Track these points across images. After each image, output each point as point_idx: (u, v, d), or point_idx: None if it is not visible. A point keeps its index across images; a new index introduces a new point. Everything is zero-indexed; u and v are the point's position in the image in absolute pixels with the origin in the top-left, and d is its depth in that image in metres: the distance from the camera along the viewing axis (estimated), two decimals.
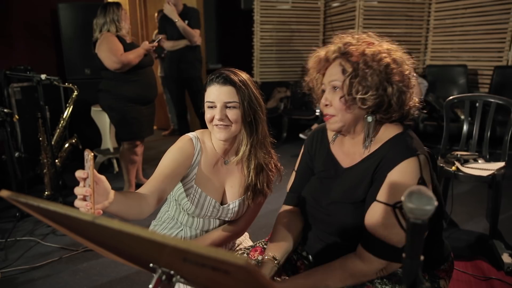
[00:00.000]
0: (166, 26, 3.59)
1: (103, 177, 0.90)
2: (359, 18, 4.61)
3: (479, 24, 4.27)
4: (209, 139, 1.30)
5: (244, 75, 1.22)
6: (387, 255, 0.95)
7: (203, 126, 1.30)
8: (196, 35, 3.57)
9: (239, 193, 1.31)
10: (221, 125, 1.18)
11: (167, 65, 3.81)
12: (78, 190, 0.83)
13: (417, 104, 1.06)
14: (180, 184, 1.28)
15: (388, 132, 1.04)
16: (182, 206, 1.30)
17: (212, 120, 1.20)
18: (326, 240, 1.11)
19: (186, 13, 3.57)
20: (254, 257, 1.19)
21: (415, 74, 1.08)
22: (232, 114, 1.18)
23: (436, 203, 0.52)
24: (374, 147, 1.04)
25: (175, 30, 3.52)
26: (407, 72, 1.01)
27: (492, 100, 2.36)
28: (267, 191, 1.31)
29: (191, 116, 4.57)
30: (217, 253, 0.40)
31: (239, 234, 1.38)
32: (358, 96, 0.99)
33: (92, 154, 0.83)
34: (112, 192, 0.92)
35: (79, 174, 0.84)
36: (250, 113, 1.20)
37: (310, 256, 1.20)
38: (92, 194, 0.82)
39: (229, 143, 1.27)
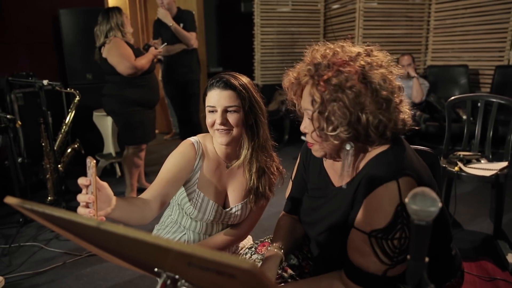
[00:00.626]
0: (160, 30, 3.52)
1: (105, 184, 0.90)
2: (359, 20, 4.61)
3: (480, 24, 4.27)
4: (211, 143, 1.30)
5: (244, 79, 1.22)
6: (368, 283, 0.90)
7: (193, 131, 1.31)
8: (193, 38, 3.50)
9: (241, 196, 1.31)
10: (222, 129, 1.18)
11: (165, 70, 3.75)
12: (81, 197, 0.84)
13: (407, 119, 0.94)
14: (182, 189, 1.28)
15: (374, 150, 0.95)
16: (185, 211, 1.30)
17: (213, 124, 1.20)
18: (322, 250, 1.09)
19: (180, 16, 3.50)
20: (262, 251, 1.18)
21: (416, 74, 0.99)
22: (233, 118, 1.18)
23: (440, 204, 0.52)
24: (360, 165, 0.96)
25: (170, 34, 3.44)
26: (384, 95, 0.88)
27: (494, 99, 2.35)
28: (269, 194, 1.31)
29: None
30: (222, 257, 0.40)
31: (242, 237, 1.38)
32: (328, 133, 0.90)
33: (95, 161, 0.83)
34: (114, 199, 0.92)
35: (81, 181, 0.84)
36: (251, 117, 1.20)
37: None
38: (94, 201, 0.83)
39: (230, 147, 1.27)
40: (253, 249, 1.22)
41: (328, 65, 0.90)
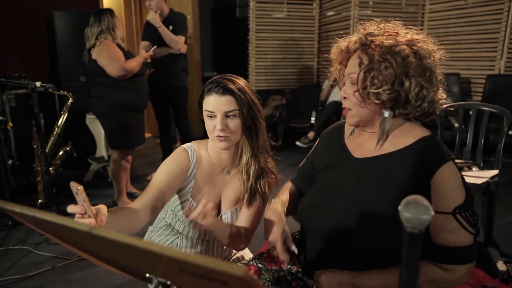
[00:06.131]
0: (149, 32, 3.39)
1: (101, 207, 0.89)
2: (354, 27, 4.66)
3: (472, 34, 4.33)
4: (205, 150, 1.29)
5: (241, 82, 1.21)
6: (466, 258, 0.95)
7: (183, 140, 1.29)
8: (180, 42, 3.34)
9: (231, 203, 1.30)
10: (222, 135, 1.17)
11: (149, 74, 3.48)
12: (81, 222, 0.82)
13: (442, 101, 1.02)
14: (176, 196, 1.27)
15: (415, 131, 1.01)
16: (178, 217, 1.29)
17: (213, 129, 1.19)
18: (328, 249, 1.06)
19: (171, 18, 3.38)
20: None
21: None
22: (233, 123, 1.18)
23: (432, 212, 0.52)
24: (400, 144, 1.00)
25: (157, 37, 3.30)
26: (429, 66, 0.96)
27: (485, 108, 2.38)
28: (268, 194, 1.29)
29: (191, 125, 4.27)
30: (215, 264, 0.40)
31: (247, 238, 1.28)
32: (372, 90, 0.95)
33: (81, 186, 0.80)
34: (105, 216, 0.91)
35: (74, 209, 0.82)
36: (249, 120, 1.20)
37: (304, 278, 1.16)
38: (96, 225, 0.81)
39: (227, 152, 1.26)
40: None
41: (380, 33, 1.00)
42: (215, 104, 1.17)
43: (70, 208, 0.83)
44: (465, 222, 0.93)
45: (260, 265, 1.19)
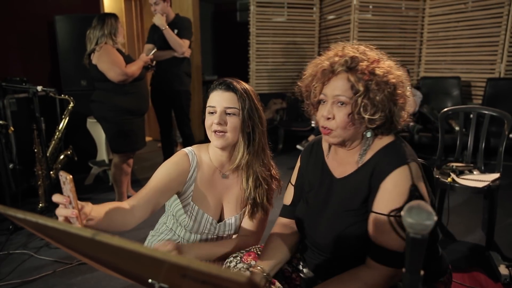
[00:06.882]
0: (154, 36, 3.39)
1: (84, 205, 0.89)
2: (354, 31, 4.67)
3: (472, 37, 4.34)
4: (206, 153, 1.29)
5: (247, 86, 1.24)
6: (390, 261, 0.96)
7: (185, 143, 1.29)
8: (184, 46, 3.34)
9: (236, 209, 1.30)
10: (218, 131, 1.18)
11: (153, 77, 3.55)
12: (61, 212, 0.80)
13: (407, 119, 1.08)
14: (177, 201, 1.27)
15: (380, 141, 1.06)
16: (180, 222, 1.29)
17: (211, 125, 1.20)
18: (325, 255, 1.11)
19: (176, 22, 3.39)
20: (248, 261, 1.17)
21: (409, 86, 1.09)
22: (231, 121, 1.19)
23: (435, 217, 0.52)
24: (367, 156, 1.06)
25: (162, 41, 3.30)
26: (408, 93, 1.04)
27: (486, 112, 2.38)
28: (268, 205, 1.29)
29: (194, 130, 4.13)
30: (218, 270, 0.40)
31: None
32: (367, 116, 0.99)
33: (71, 176, 0.79)
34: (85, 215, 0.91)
35: (58, 199, 0.82)
36: (248, 123, 1.20)
37: (304, 270, 1.19)
38: (78, 216, 0.79)
39: (226, 154, 1.26)
40: (238, 258, 1.20)
41: (364, 59, 1.02)
42: (217, 100, 1.19)
43: (55, 198, 0.82)
44: (398, 226, 0.95)
45: (260, 253, 1.20)
